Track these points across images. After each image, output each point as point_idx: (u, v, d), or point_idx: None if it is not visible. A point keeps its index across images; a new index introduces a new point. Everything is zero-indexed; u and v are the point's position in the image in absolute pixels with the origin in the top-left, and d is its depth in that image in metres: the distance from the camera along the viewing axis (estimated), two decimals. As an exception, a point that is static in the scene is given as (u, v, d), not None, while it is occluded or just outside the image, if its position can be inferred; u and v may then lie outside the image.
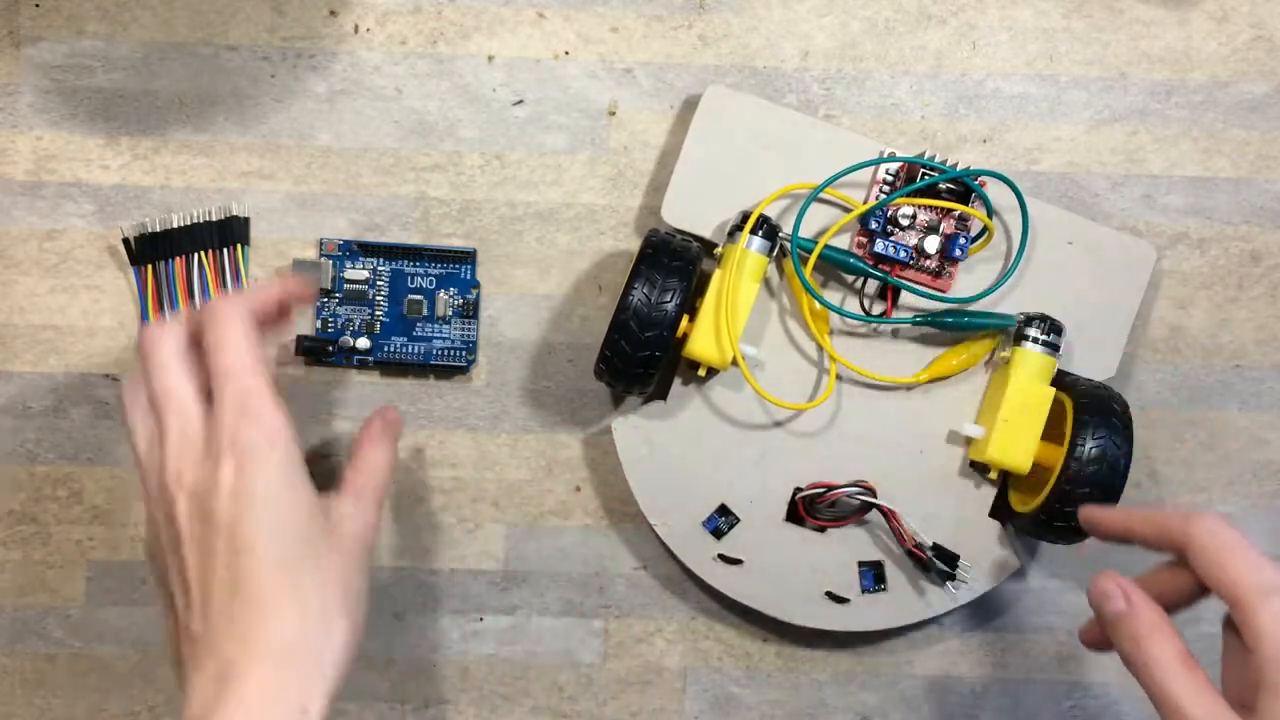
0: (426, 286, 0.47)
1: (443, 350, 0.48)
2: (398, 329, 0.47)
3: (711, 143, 0.48)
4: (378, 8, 0.49)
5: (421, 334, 0.48)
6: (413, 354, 0.48)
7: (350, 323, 0.47)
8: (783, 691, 0.50)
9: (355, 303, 0.47)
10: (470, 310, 0.48)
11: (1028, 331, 0.46)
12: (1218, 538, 0.35)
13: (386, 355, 0.48)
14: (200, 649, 0.35)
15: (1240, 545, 0.35)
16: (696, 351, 0.45)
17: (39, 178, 0.49)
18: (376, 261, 0.47)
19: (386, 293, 0.47)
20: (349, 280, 0.47)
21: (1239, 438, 0.50)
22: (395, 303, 0.47)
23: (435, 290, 0.47)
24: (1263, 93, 0.50)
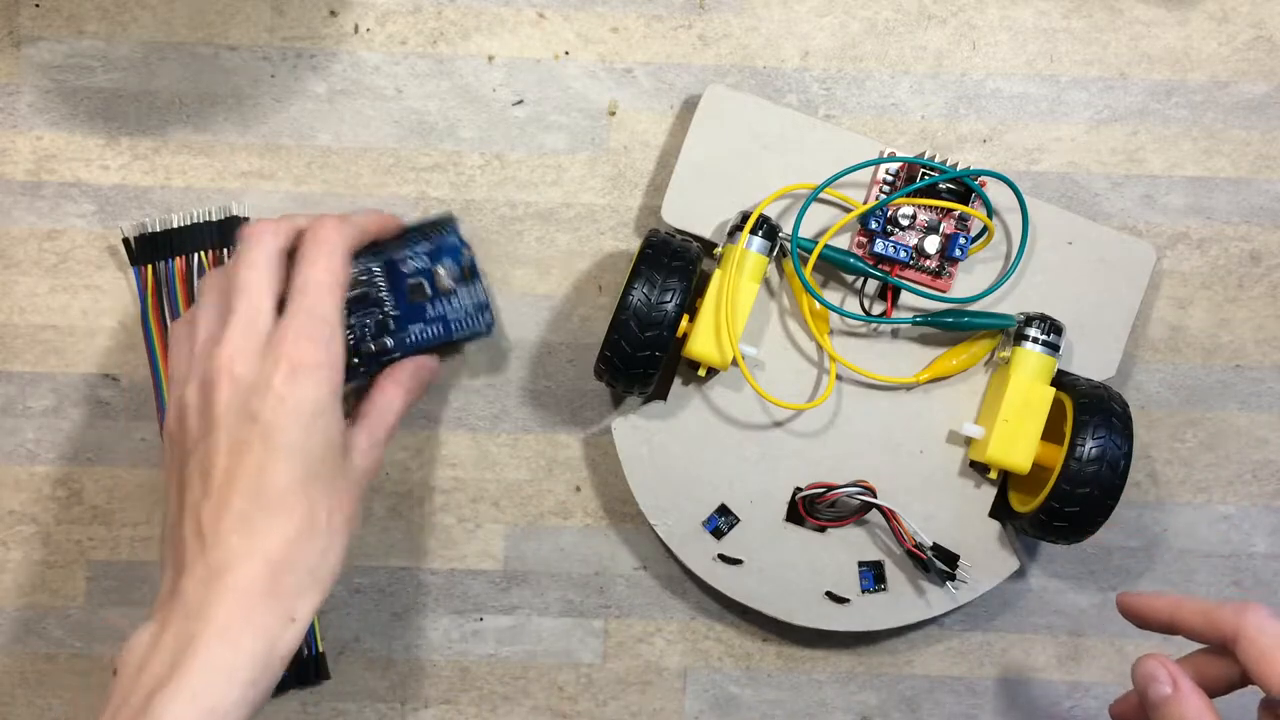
0: (421, 267, 0.46)
1: (459, 321, 0.46)
2: (412, 317, 0.46)
3: (711, 143, 0.48)
4: (378, 8, 0.49)
5: (435, 313, 0.46)
6: (434, 336, 0.46)
7: (366, 328, 0.45)
8: (783, 691, 0.50)
9: (361, 307, 0.45)
10: (470, 273, 0.46)
11: (1028, 331, 0.46)
12: (1267, 634, 0.36)
13: (411, 346, 0.46)
14: (206, 538, 0.37)
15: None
16: (696, 351, 0.45)
17: (39, 178, 0.49)
18: (366, 260, 0.45)
19: (387, 287, 0.46)
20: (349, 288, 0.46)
21: (1239, 438, 0.50)
22: (399, 293, 0.46)
23: (430, 268, 0.46)
24: (1263, 93, 0.50)
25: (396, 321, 0.45)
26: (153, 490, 0.49)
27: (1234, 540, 0.51)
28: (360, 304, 0.45)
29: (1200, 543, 0.51)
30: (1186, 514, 0.50)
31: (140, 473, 0.49)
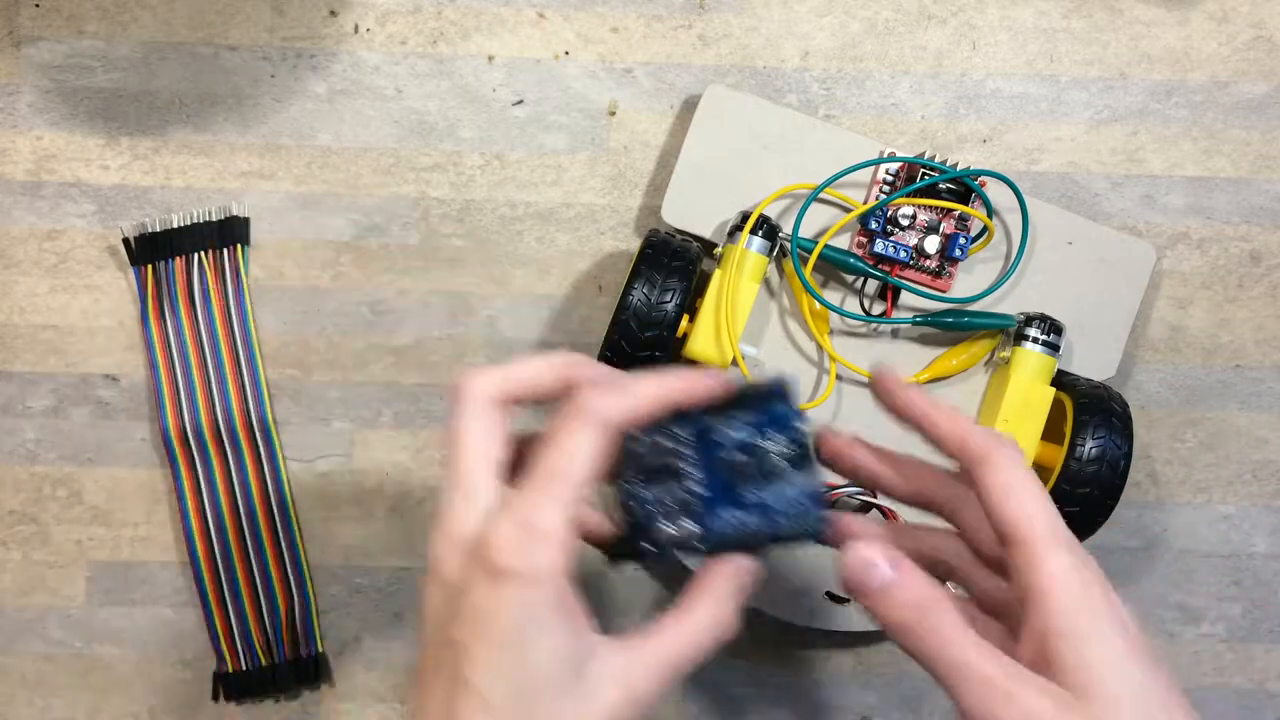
0: (743, 440, 0.35)
1: (784, 513, 0.35)
2: (724, 500, 0.35)
3: (711, 143, 0.48)
4: (378, 8, 0.49)
5: (754, 499, 0.35)
6: (751, 527, 0.35)
7: (664, 507, 0.35)
8: (783, 691, 0.50)
9: (661, 481, 0.35)
10: (802, 454, 0.35)
11: (1028, 331, 0.46)
12: (1018, 472, 0.31)
13: (718, 535, 0.35)
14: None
15: (1039, 487, 0.32)
16: (696, 351, 0.45)
17: (39, 178, 0.49)
18: (674, 425, 0.35)
19: (696, 459, 0.35)
20: (646, 454, 0.35)
21: (1239, 438, 0.50)
22: (711, 470, 0.35)
23: (754, 442, 0.35)
24: (1263, 93, 0.50)
25: (704, 504, 0.35)
26: (153, 490, 0.49)
27: (1234, 540, 0.51)
28: (660, 477, 0.35)
29: (1200, 543, 0.50)
30: (1186, 514, 0.50)
31: (140, 473, 0.49)
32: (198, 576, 0.48)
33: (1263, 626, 0.51)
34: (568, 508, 0.31)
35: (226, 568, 0.48)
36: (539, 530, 0.30)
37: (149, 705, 0.49)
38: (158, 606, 0.49)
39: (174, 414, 0.48)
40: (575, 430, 0.32)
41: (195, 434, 0.48)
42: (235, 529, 0.48)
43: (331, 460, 0.50)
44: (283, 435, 0.49)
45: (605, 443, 0.32)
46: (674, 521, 0.35)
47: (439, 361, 0.50)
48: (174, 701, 0.49)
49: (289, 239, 0.49)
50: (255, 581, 0.48)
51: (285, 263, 0.49)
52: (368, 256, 0.50)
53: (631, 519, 0.35)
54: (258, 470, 0.48)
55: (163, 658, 0.49)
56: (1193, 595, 0.51)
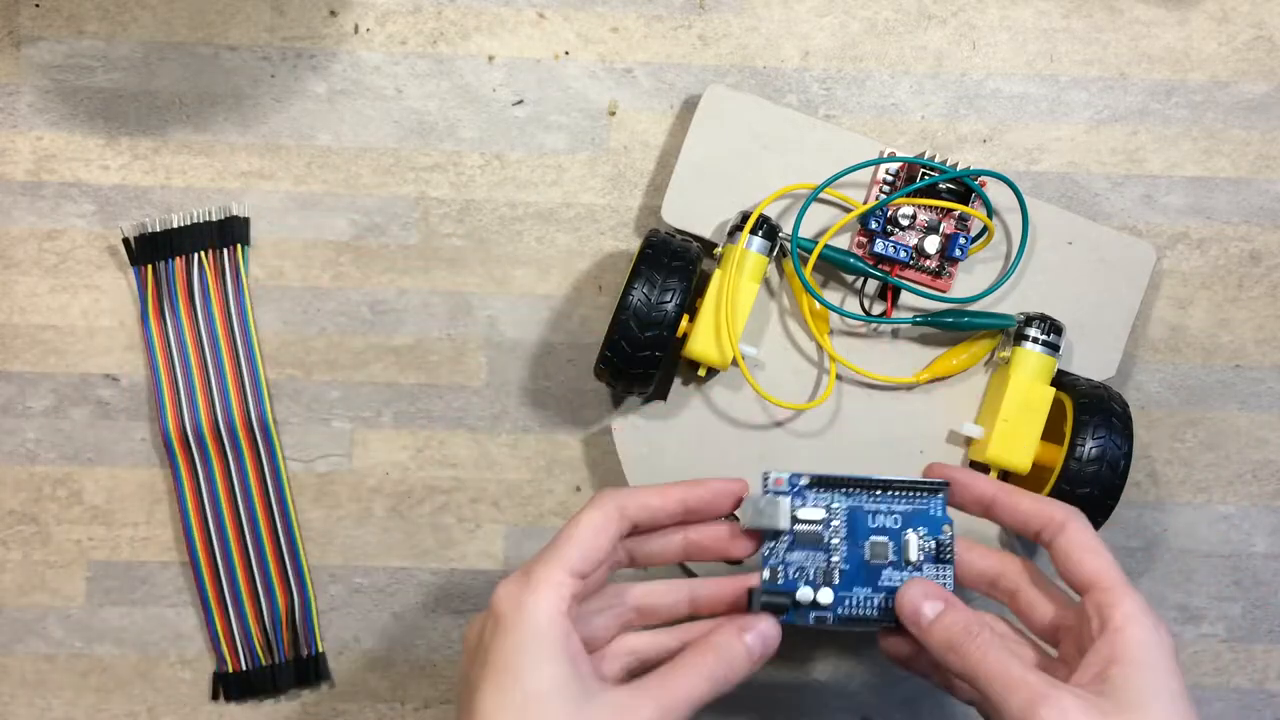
0: (891, 526, 0.39)
1: None
2: (860, 579, 0.39)
3: (711, 143, 0.48)
4: (378, 8, 0.49)
5: (888, 583, 0.39)
6: (876, 608, 0.39)
7: (803, 572, 0.39)
8: (783, 691, 0.50)
9: (809, 547, 0.39)
10: (945, 553, 0.39)
11: (1027, 331, 0.46)
12: (1092, 532, 0.38)
13: (849, 610, 0.39)
14: None
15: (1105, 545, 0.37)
16: (696, 351, 0.45)
17: (39, 178, 0.49)
18: (831, 497, 0.39)
19: (844, 534, 0.39)
20: (802, 521, 0.39)
21: (1239, 438, 0.50)
22: (855, 546, 0.39)
23: (902, 530, 0.39)
24: (1263, 93, 0.50)
25: (842, 576, 0.39)
26: (153, 490, 0.49)
27: (1234, 540, 0.50)
28: (807, 544, 0.39)
29: (1200, 543, 0.50)
30: (1186, 514, 0.50)
31: (140, 473, 0.49)
32: (198, 576, 0.48)
33: (1263, 626, 0.51)
34: (566, 564, 0.35)
35: (226, 568, 0.48)
36: (533, 584, 0.34)
37: (149, 705, 0.49)
38: (158, 606, 0.49)
39: (174, 414, 0.48)
40: (589, 509, 0.36)
41: (195, 434, 0.48)
42: (235, 529, 0.48)
43: (331, 460, 0.50)
44: (283, 435, 0.49)
45: (611, 522, 0.36)
46: (815, 588, 0.39)
47: (439, 361, 0.50)
48: (174, 701, 0.49)
49: (289, 239, 0.49)
50: (255, 581, 0.48)
51: (285, 263, 0.49)
52: (368, 256, 0.50)
53: (773, 579, 0.39)
54: (258, 470, 0.48)
55: (163, 658, 0.49)
56: (1193, 595, 0.51)
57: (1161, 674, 0.34)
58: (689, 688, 0.35)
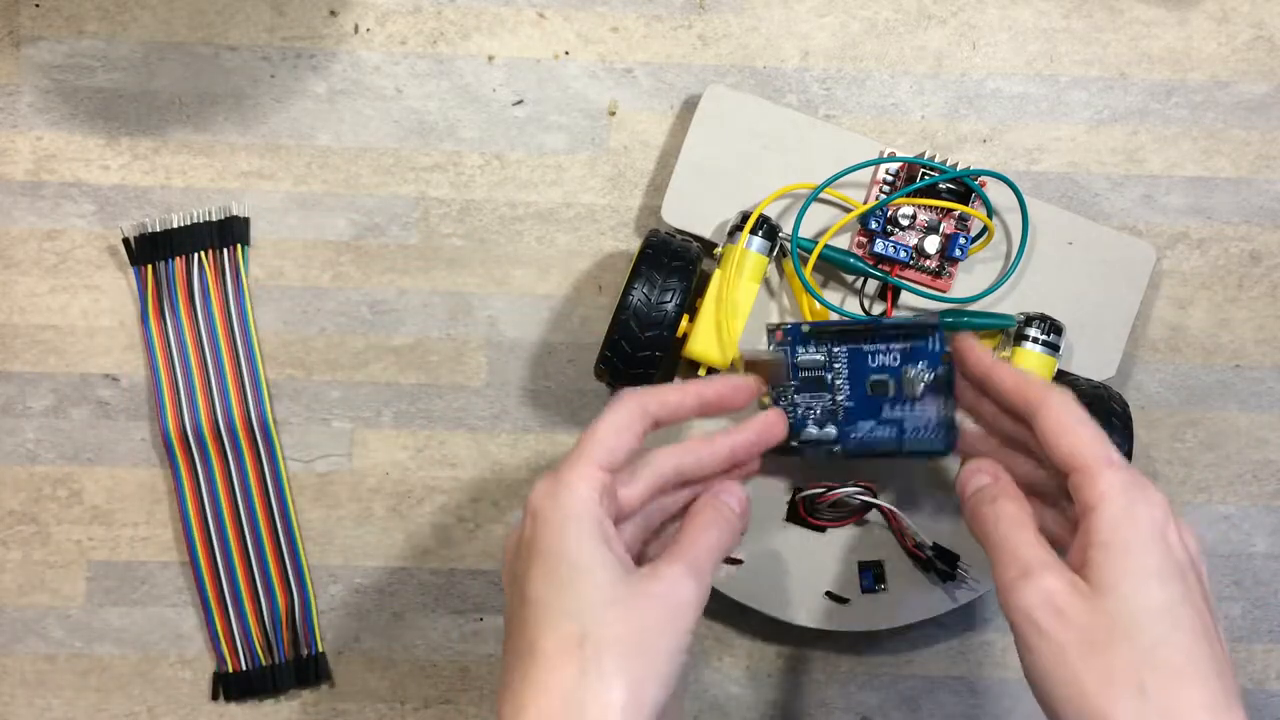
0: (890, 364, 0.41)
1: (916, 430, 0.41)
2: (864, 412, 0.42)
3: (711, 143, 0.48)
4: (378, 8, 0.49)
5: (891, 415, 0.41)
6: (884, 438, 0.42)
7: (810, 411, 0.42)
8: (783, 692, 0.50)
9: (813, 390, 0.42)
10: (944, 385, 0.41)
11: (1027, 332, 0.46)
12: (1071, 410, 0.36)
13: (855, 442, 0.42)
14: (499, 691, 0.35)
15: (1089, 421, 0.36)
16: (696, 351, 0.45)
17: (39, 178, 0.49)
18: (831, 343, 0.41)
19: (846, 375, 0.41)
20: (803, 366, 0.42)
21: (1239, 438, 0.50)
22: (858, 384, 0.41)
23: (900, 366, 0.41)
24: (1263, 93, 0.50)
25: (847, 413, 0.42)
26: (153, 490, 0.49)
27: (1234, 540, 0.51)
28: (812, 387, 0.42)
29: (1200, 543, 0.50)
30: (1187, 514, 0.50)
31: (140, 473, 0.49)
32: (197, 576, 0.48)
33: (1263, 626, 0.51)
34: (594, 460, 0.36)
35: (226, 568, 0.48)
36: (564, 479, 0.35)
37: (149, 705, 0.49)
38: (158, 606, 0.49)
39: (174, 414, 0.48)
40: (613, 408, 0.37)
41: (195, 434, 0.48)
42: (235, 529, 0.48)
43: (331, 460, 0.50)
44: (283, 435, 0.49)
45: (635, 419, 0.37)
46: (820, 426, 0.41)
47: (439, 361, 0.50)
48: (174, 701, 0.49)
49: (289, 239, 0.49)
50: (255, 581, 0.48)
51: (285, 263, 0.49)
52: (368, 256, 0.50)
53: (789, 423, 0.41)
54: (258, 470, 0.48)
55: (163, 658, 0.49)
56: (1193, 595, 0.50)
57: (1134, 553, 0.33)
58: (706, 541, 0.37)
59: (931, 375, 0.41)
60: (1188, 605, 0.33)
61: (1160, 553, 0.33)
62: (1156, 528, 0.34)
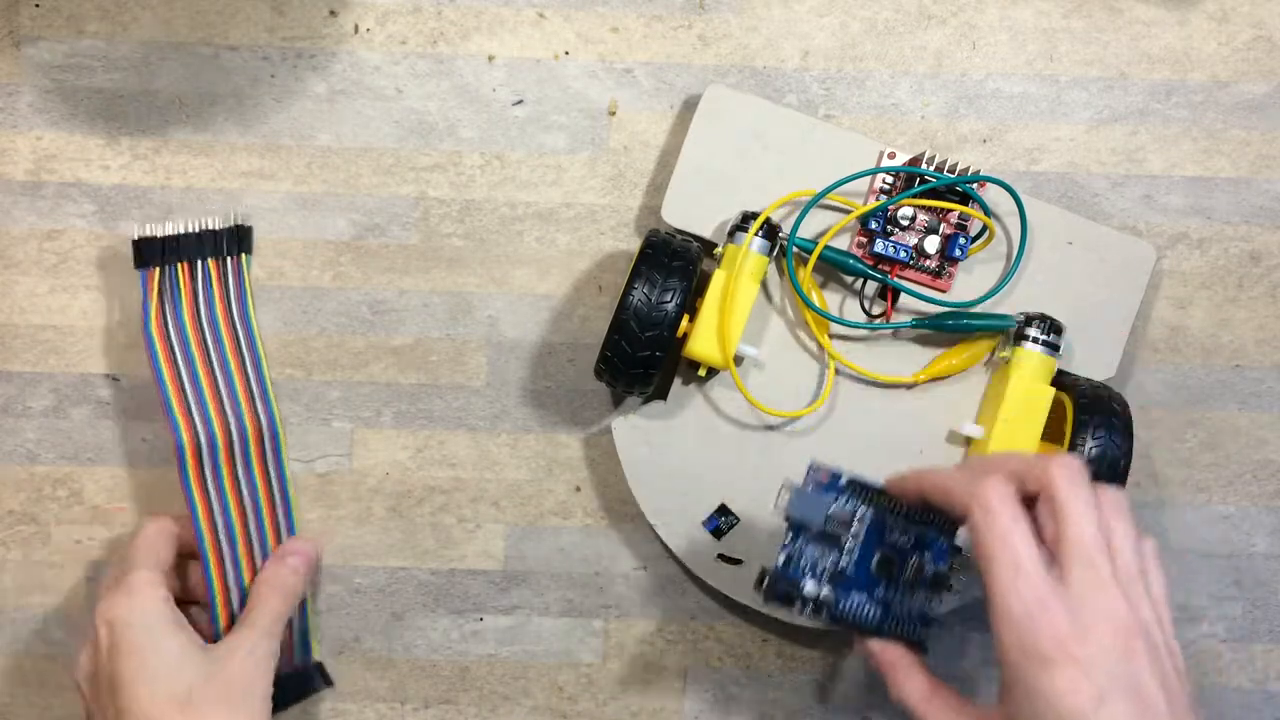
0: (903, 545, 0.41)
1: (899, 619, 0.41)
2: (859, 585, 0.41)
3: (711, 143, 0.48)
4: (378, 8, 0.49)
5: (882, 596, 0.41)
6: (868, 616, 0.41)
7: (814, 566, 0.40)
8: (783, 691, 0.50)
9: (827, 545, 0.41)
10: (942, 583, 0.41)
11: (1028, 331, 0.46)
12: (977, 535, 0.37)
13: (842, 612, 0.41)
14: None
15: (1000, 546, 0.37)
16: (697, 351, 0.45)
17: (39, 178, 0.49)
18: (862, 503, 0.41)
19: (861, 540, 0.41)
20: (831, 518, 0.41)
21: (1239, 438, 0.50)
22: (867, 555, 0.41)
23: (911, 552, 0.41)
24: (1263, 93, 0.50)
25: (844, 579, 0.41)
26: (153, 490, 0.49)
27: (1234, 540, 0.51)
28: (827, 542, 0.41)
29: (1200, 543, 0.51)
30: (1186, 514, 0.50)
31: (140, 473, 0.49)
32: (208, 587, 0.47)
33: (1263, 626, 0.51)
34: (148, 567, 0.44)
35: (236, 579, 0.47)
36: (130, 587, 0.43)
37: (149, 705, 0.49)
38: None
39: (187, 425, 0.47)
40: (147, 528, 0.45)
41: (209, 445, 0.47)
42: (245, 540, 0.47)
43: (331, 460, 0.50)
44: (283, 435, 0.49)
45: (166, 526, 0.46)
46: (820, 584, 0.40)
47: (439, 361, 0.50)
48: (174, 701, 0.49)
49: (289, 239, 0.49)
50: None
51: (285, 263, 0.49)
52: (368, 256, 0.50)
53: (786, 566, 0.40)
54: (266, 482, 0.48)
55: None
56: (1193, 595, 0.51)
57: None
58: (269, 609, 0.45)
59: (932, 570, 0.41)
60: None
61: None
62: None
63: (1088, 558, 0.35)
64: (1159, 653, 0.35)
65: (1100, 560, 0.35)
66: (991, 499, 0.36)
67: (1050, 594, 0.35)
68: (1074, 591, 0.35)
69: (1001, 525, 0.36)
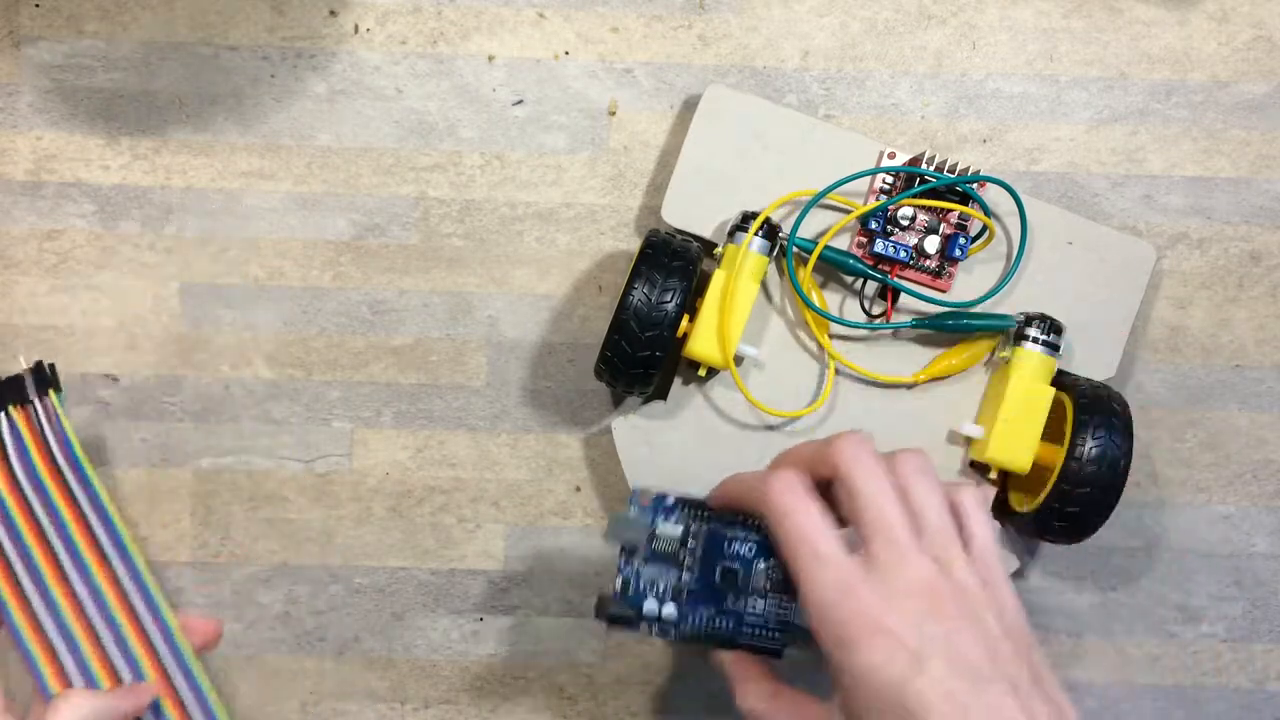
0: (744, 554, 0.40)
1: (753, 628, 0.40)
2: (705, 599, 0.40)
3: (711, 143, 0.48)
4: (378, 8, 0.49)
5: (731, 607, 0.40)
6: (720, 629, 0.40)
7: (653, 586, 0.40)
8: (783, 691, 0.50)
9: (663, 563, 0.40)
10: (791, 588, 0.39)
11: (1028, 331, 0.46)
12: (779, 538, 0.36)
13: (690, 627, 0.40)
14: None
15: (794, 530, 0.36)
16: (697, 351, 0.45)
17: (39, 178, 0.49)
18: (692, 519, 0.40)
19: (700, 555, 0.40)
20: (661, 537, 0.40)
21: (1239, 438, 0.50)
22: (709, 569, 0.40)
23: (754, 559, 0.40)
24: (1263, 93, 0.50)
25: (689, 595, 0.40)
26: (153, 490, 0.49)
27: (1234, 540, 0.51)
28: (662, 561, 0.40)
29: (1200, 543, 0.51)
30: (1186, 514, 0.50)
31: (140, 473, 0.49)
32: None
33: (1263, 626, 0.51)
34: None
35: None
36: None
37: (149, 705, 0.49)
38: (158, 606, 0.49)
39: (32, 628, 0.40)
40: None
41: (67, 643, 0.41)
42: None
43: (331, 460, 0.50)
44: (282, 435, 0.49)
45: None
46: (660, 603, 0.40)
47: (439, 361, 0.50)
48: (174, 701, 0.49)
49: (289, 239, 0.49)
50: None
51: (285, 263, 0.49)
52: (368, 256, 0.50)
53: (624, 590, 0.39)
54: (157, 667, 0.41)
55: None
56: (1193, 595, 0.51)
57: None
58: None
59: (780, 574, 0.39)
60: None
61: None
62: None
63: (885, 530, 0.35)
64: (977, 609, 0.34)
65: (899, 530, 0.35)
66: (777, 495, 0.36)
67: (854, 576, 0.34)
68: (879, 567, 0.34)
69: (793, 520, 0.35)
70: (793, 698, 0.38)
